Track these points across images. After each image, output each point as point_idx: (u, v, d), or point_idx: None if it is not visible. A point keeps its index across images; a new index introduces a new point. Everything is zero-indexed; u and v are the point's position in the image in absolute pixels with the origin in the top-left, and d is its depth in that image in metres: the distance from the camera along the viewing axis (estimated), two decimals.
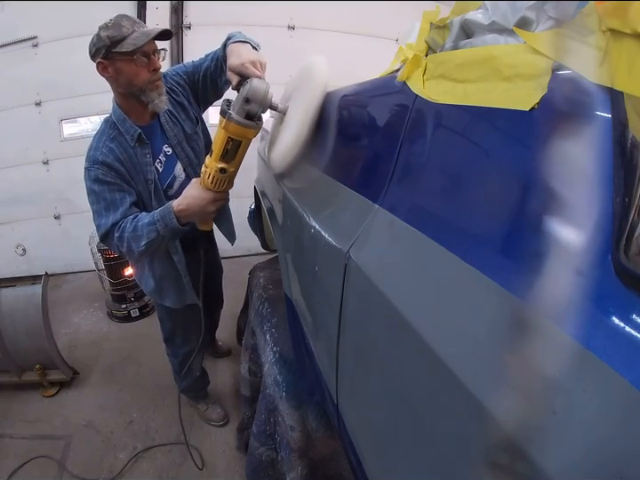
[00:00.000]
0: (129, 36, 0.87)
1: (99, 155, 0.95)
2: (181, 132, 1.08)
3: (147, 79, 0.93)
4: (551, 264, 0.26)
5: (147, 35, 0.88)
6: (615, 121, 0.25)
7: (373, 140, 0.63)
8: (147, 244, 0.92)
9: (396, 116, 0.55)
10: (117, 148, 0.97)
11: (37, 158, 2.67)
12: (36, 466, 1.41)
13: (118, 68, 0.90)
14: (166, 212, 0.92)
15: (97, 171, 0.94)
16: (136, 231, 0.92)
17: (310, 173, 0.87)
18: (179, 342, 1.40)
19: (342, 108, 0.75)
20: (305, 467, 0.91)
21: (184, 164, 1.10)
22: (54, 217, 2.83)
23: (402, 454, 0.44)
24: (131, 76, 0.92)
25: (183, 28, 2.58)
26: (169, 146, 1.06)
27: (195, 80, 1.11)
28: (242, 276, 1.70)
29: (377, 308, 0.48)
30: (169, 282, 1.17)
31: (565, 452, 0.24)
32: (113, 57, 0.89)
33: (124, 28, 0.87)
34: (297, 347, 0.93)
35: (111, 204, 0.95)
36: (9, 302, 1.64)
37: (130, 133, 0.98)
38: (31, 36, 2.40)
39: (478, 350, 0.32)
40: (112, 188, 0.96)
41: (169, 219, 0.91)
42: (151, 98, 0.95)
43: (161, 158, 1.05)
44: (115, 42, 0.87)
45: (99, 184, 0.95)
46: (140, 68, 0.91)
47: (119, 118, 0.98)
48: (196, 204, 0.92)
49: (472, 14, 0.48)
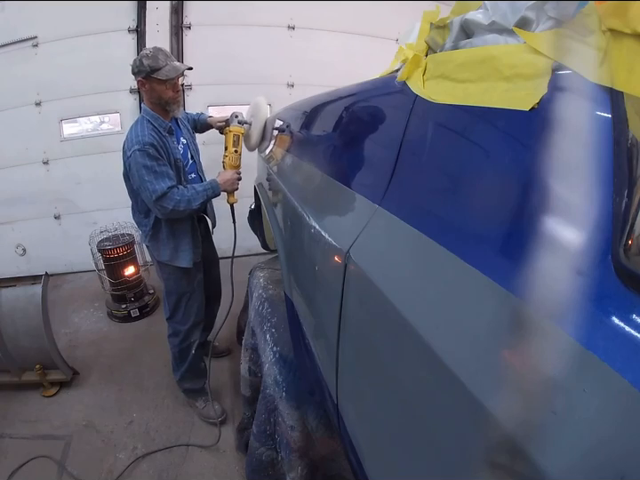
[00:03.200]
0: (164, 67, 1.25)
1: (148, 138, 1.25)
2: (188, 133, 1.52)
3: (171, 96, 1.32)
4: (551, 264, 0.26)
5: (176, 70, 1.28)
6: (615, 121, 0.25)
7: (374, 140, 0.63)
8: (201, 203, 1.35)
9: (397, 116, 0.55)
10: (156, 135, 1.30)
11: (37, 158, 2.67)
12: (36, 466, 1.41)
13: (153, 86, 1.28)
14: (215, 184, 1.39)
15: (148, 149, 1.24)
16: (194, 194, 1.33)
17: (311, 174, 0.87)
18: (180, 317, 1.53)
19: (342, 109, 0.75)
20: (305, 467, 0.91)
21: (192, 153, 1.50)
22: (54, 217, 2.82)
23: (402, 454, 0.44)
24: (161, 93, 1.29)
25: (183, 27, 2.58)
26: (184, 138, 1.48)
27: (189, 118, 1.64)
28: (242, 276, 1.70)
29: (377, 308, 0.48)
30: (186, 240, 1.45)
31: (565, 452, 0.24)
32: (150, 79, 1.26)
33: (160, 61, 1.24)
34: (297, 347, 0.93)
35: (163, 174, 1.27)
36: (9, 302, 1.64)
37: (162, 127, 1.34)
38: (31, 36, 2.40)
39: (478, 350, 0.32)
40: (160, 163, 1.28)
41: (217, 188, 1.40)
42: (172, 109, 1.35)
43: (181, 144, 1.44)
44: (153, 70, 1.24)
45: (150, 159, 1.25)
46: (168, 89, 1.30)
47: (153, 117, 1.32)
48: (230, 175, 1.46)
49: (472, 14, 0.48)
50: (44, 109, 2.57)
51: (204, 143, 2.78)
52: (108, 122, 2.86)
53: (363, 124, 0.68)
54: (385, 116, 0.61)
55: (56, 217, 2.83)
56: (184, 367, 1.58)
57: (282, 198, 1.05)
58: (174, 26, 2.56)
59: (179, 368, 1.60)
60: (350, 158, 0.69)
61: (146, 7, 2.47)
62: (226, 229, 1.62)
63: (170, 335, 1.58)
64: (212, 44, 2.66)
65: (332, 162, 0.78)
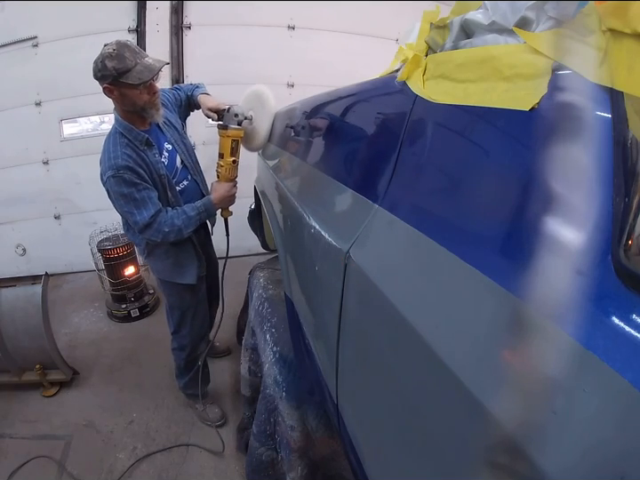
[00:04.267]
0: (133, 68, 1.01)
1: (120, 161, 1.07)
2: (176, 132, 1.30)
3: (147, 100, 1.09)
4: (551, 264, 0.26)
5: (150, 70, 1.04)
6: (615, 121, 0.25)
7: (373, 140, 0.63)
8: (193, 228, 1.21)
9: (396, 116, 0.55)
10: (132, 153, 1.10)
11: (37, 158, 2.67)
12: (36, 466, 1.41)
13: (123, 92, 1.06)
14: (208, 204, 1.23)
15: (123, 175, 1.07)
16: (185, 220, 1.18)
17: (311, 174, 0.87)
18: (186, 332, 1.44)
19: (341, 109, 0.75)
20: (305, 467, 0.91)
21: (182, 157, 1.29)
22: (54, 217, 2.82)
23: (402, 454, 0.44)
24: (134, 99, 1.08)
25: (183, 27, 2.58)
26: (168, 143, 1.26)
27: (178, 103, 1.39)
28: (242, 276, 1.70)
29: (377, 308, 0.48)
30: (187, 254, 1.34)
31: (565, 452, 0.24)
32: (119, 84, 1.03)
33: (127, 60, 1.00)
34: (297, 347, 0.93)
35: (144, 201, 1.11)
36: (9, 302, 1.64)
37: (138, 139, 1.13)
38: (31, 36, 2.40)
39: (478, 350, 0.32)
40: (139, 188, 1.10)
41: (212, 209, 1.25)
42: (150, 114, 1.13)
43: (165, 154, 1.24)
44: (120, 73, 1.00)
45: (127, 186, 1.08)
46: (142, 93, 1.07)
47: (126, 128, 1.12)
48: (226, 190, 1.26)
49: (472, 14, 0.48)
50: (44, 109, 2.57)
51: (204, 143, 2.80)
52: (107, 122, 2.85)
53: (362, 124, 0.68)
54: (385, 116, 0.61)
55: (56, 217, 2.83)
56: (189, 376, 1.54)
57: (282, 199, 1.05)
58: (174, 26, 2.56)
59: (183, 377, 1.56)
60: (350, 158, 0.69)
61: (146, 7, 2.47)
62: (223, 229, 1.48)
63: (175, 349, 1.52)
64: (211, 44, 2.66)
65: (331, 161, 0.78)
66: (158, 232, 1.14)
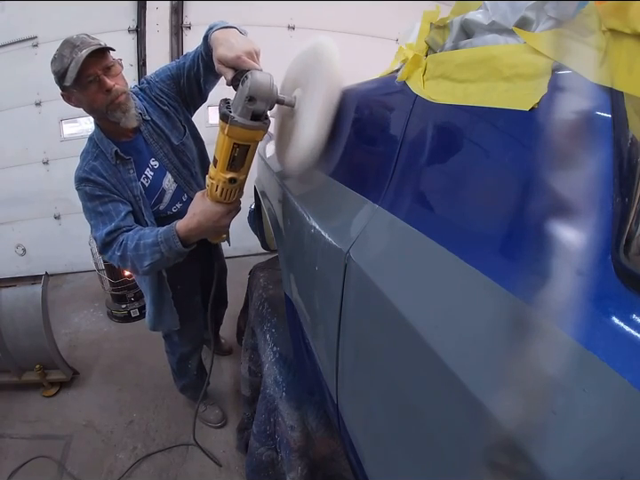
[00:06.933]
0: (69, 66, 0.84)
1: (82, 173, 0.95)
2: (167, 144, 1.05)
3: (104, 102, 0.90)
4: (551, 264, 0.26)
5: (77, 63, 0.82)
6: (615, 121, 0.25)
7: (373, 140, 0.63)
8: (151, 265, 0.90)
9: (396, 116, 0.55)
10: (101, 165, 0.96)
11: (37, 158, 2.67)
12: (36, 466, 1.41)
13: (76, 97, 0.91)
14: (170, 235, 0.86)
15: (85, 188, 0.95)
16: (138, 250, 0.89)
17: (310, 174, 0.87)
18: (177, 341, 1.39)
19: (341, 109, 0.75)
20: (305, 467, 0.91)
21: (174, 176, 1.06)
22: (54, 217, 2.82)
23: (402, 454, 0.44)
24: (89, 102, 0.90)
25: (183, 27, 2.58)
26: (155, 159, 1.03)
27: (181, 85, 1.05)
28: (242, 276, 1.70)
29: (377, 308, 0.48)
30: (167, 308, 1.17)
31: (565, 452, 0.24)
32: (67, 89, 0.88)
33: (65, 59, 0.84)
34: (297, 347, 0.93)
35: (105, 215, 0.95)
36: (9, 302, 1.64)
37: (108, 151, 0.96)
38: (31, 36, 2.40)
39: (478, 350, 0.32)
40: (103, 201, 0.95)
41: (173, 242, 0.86)
42: (117, 117, 0.92)
43: (147, 173, 1.03)
44: (60, 77, 0.86)
45: (90, 200, 0.96)
46: (92, 93, 0.88)
47: (98, 137, 0.98)
48: (209, 219, 0.83)
49: (472, 14, 0.48)
50: (44, 109, 2.57)
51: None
52: None
53: (362, 124, 0.68)
54: (385, 116, 0.61)
55: (56, 217, 2.83)
56: (184, 381, 1.54)
57: (282, 199, 1.05)
58: (174, 26, 2.56)
59: (179, 380, 1.55)
60: (350, 158, 0.69)
61: (146, 7, 2.47)
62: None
63: (166, 351, 1.47)
64: None
65: (331, 162, 0.78)
66: (112, 258, 0.94)
